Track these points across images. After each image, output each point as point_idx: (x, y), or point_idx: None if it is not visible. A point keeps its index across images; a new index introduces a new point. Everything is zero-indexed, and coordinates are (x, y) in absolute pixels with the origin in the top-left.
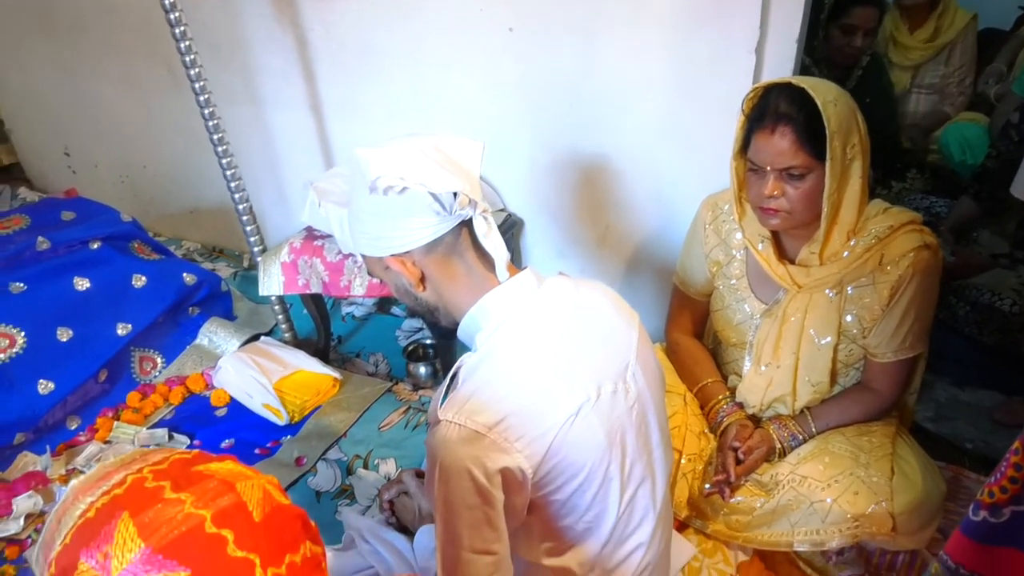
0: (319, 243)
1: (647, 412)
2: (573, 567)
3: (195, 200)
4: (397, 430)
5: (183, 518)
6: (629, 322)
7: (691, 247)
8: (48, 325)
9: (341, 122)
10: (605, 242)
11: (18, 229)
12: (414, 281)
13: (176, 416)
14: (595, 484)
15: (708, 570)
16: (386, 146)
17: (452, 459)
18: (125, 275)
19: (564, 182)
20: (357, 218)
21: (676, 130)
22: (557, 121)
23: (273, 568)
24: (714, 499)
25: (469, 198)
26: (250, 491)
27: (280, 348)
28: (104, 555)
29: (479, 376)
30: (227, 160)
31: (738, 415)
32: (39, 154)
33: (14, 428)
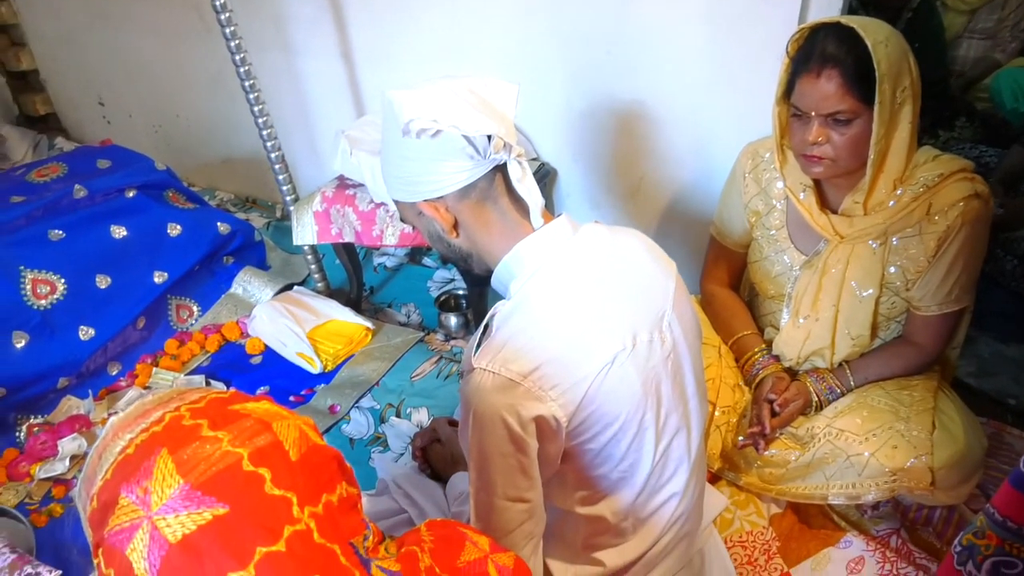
0: (351, 192)
1: (683, 362)
2: (607, 515)
3: (228, 150)
4: (429, 379)
5: (220, 456)
6: (666, 271)
7: (729, 196)
8: (87, 272)
9: (372, 70)
10: (640, 192)
11: (55, 177)
12: (447, 227)
13: (212, 363)
14: (630, 434)
15: (740, 522)
16: (419, 88)
17: (486, 407)
18: (160, 224)
19: (599, 130)
20: (389, 162)
21: (717, 75)
22: (594, 66)
23: (310, 507)
24: (747, 451)
25: (504, 141)
26: (286, 431)
27: (313, 298)
28: (144, 490)
29: (513, 324)
30: (259, 108)
31: (774, 368)
32: (74, 104)
33: (57, 373)
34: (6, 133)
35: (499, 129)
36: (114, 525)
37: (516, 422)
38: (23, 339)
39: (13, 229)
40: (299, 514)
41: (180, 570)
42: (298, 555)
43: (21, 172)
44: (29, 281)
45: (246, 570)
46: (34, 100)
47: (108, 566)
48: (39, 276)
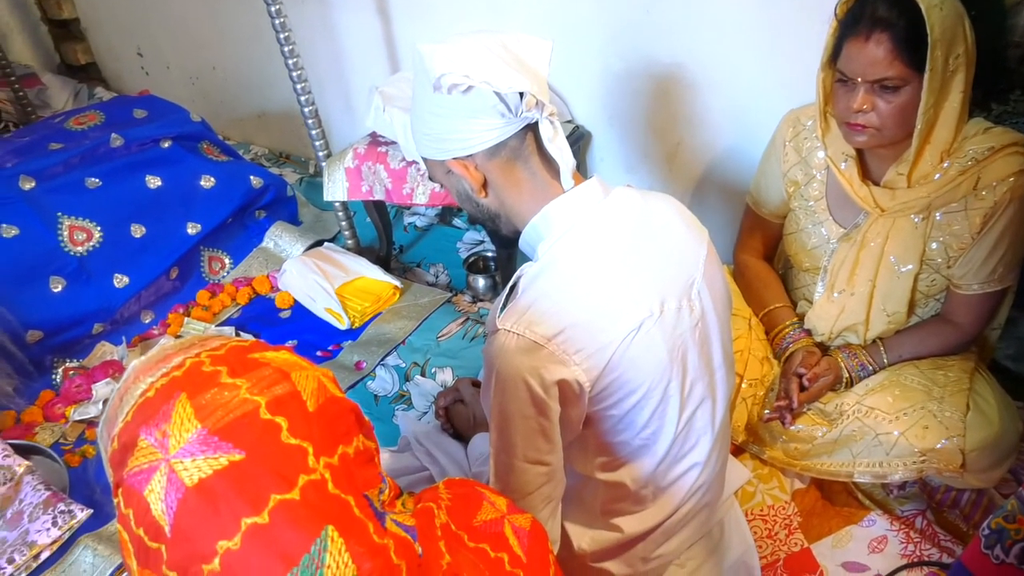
0: (383, 149)
1: (710, 331)
2: (627, 482)
3: (263, 104)
4: (455, 340)
5: (238, 403)
6: (698, 238)
7: (768, 165)
8: (122, 221)
9: (408, 25)
10: (676, 158)
11: (93, 125)
12: (476, 186)
13: (242, 316)
14: (653, 401)
15: (762, 495)
16: (451, 41)
17: (509, 368)
18: (195, 175)
19: (636, 93)
20: (419, 118)
21: (760, 39)
22: (632, 27)
23: (325, 457)
24: (773, 425)
25: (536, 99)
26: (304, 381)
27: (343, 254)
28: (163, 433)
29: (539, 286)
30: (293, 61)
31: (805, 342)
32: (114, 54)
33: (92, 318)
34: (47, 81)
35: (532, 86)
36: (133, 466)
37: (539, 385)
38: (60, 284)
39: (51, 176)
40: (314, 464)
41: (195, 513)
42: (312, 504)
43: (60, 120)
44: (67, 228)
45: (260, 516)
46: (75, 49)
47: (127, 506)
48: (76, 223)
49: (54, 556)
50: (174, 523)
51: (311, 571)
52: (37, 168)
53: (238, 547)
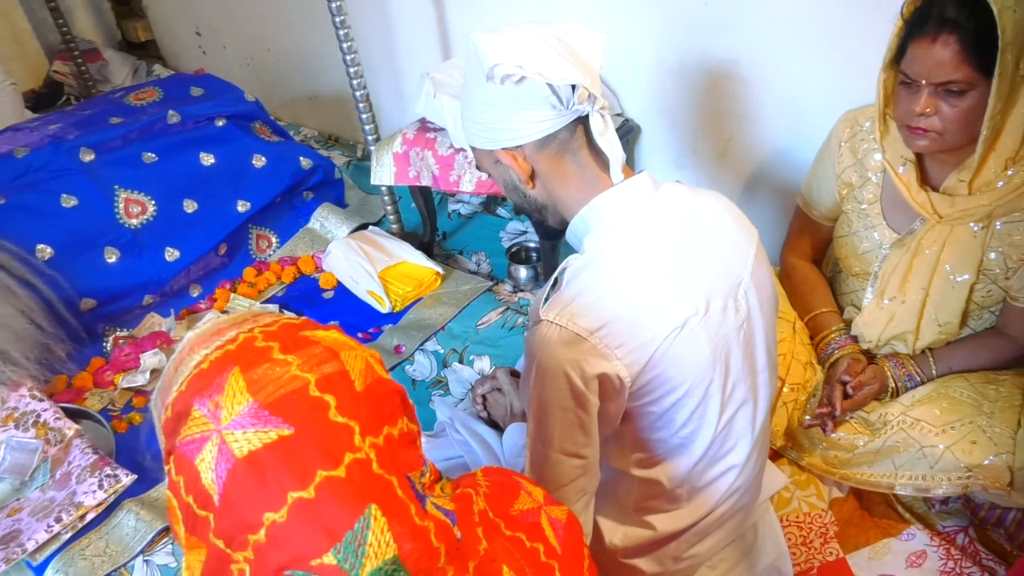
0: (432, 136)
1: (755, 333)
2: (662, 480)
3: (315, 87)
4: (494, 329)
5: (289, 379)
6: (748, 237)
7: (821, 165)
8: (176, 196)
9: (461, 12)
10: (726, 155)
11: (151, 101)
12: (524, 177)
13: (287, 294)
14: (694, 400)
15: (799, 502)
16: (504, 31)
17: (550, 360)
18: (247, 154)
19: (688, 88)
20: (470, 107)
21: (821, 36)
22: (689, 20)
23: (371, 437)
24: (813, 432)
25: (588, 92)
26: (353, 361)
27: (387, 238)
28: (215, 404)
29: (584, 279)
30: (347, 45)
31: (851, 348)
32: (173, 32)
33: (143, 290)
34: (109, 57)
35: (584, 79)
36: (186, 435)
37: (579, 377)
38: (114, 255)
39: (110, 149)
40: (360, 443)
41: (244, 484)
42: (357, 482)
43: (120, 95)
44: (123, 200)
45: (306, 491)
46: (136, 26)
47: (178, 473)
48: (132, 196)
49: (99, 518)
50: (223, 493)
51: (354, 547)
52: (97, 141)
53: (284, 519)
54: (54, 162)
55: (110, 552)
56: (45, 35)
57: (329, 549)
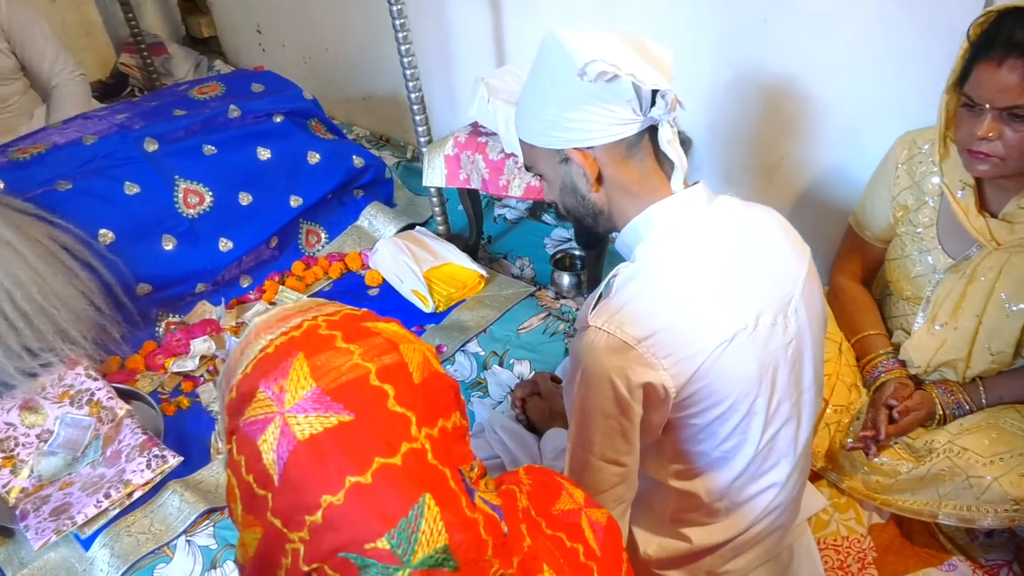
0: (483, 140)
1: (803, 351)
2: (700, 494)
3: (369, 87)
4: (535, 334)
5: (350, 367)
6: (800, 254)
7: (877, 186)
8: (232, 188)
9: (518, 19)
10: (777, 171)
11: (214, 96)
12: (591, 179)
13: (333, 289)
14: (738, 415)
15: (838, 525)
16: (587, 31)
17: (596, 366)
18: (302, 150)
19: (742, 102)
20: (539, 104)
21: (882, 56)
22: (747, 34)
23: (427, 428)
24: (855, 455)
25: (677, 100)
26: (411, 353)
27: (433, 239)
28: (280, 388)
29: (634, 287)
30: (406, 48)
31: (899, 372)
32: (235, 29)
33: (196, 278)
34: (173, 51)
35: (671, 87)
36: (249, 416)
37: (624, 385)
38: (171, 242)
39: (173, 140)
40: (416, 433)
41: (303, 466)
42: (412, 471)
43: (184, 88)
44: (182, 190)
45: (363, 476)
46: (200, 22)
47: (240, 452)
48: (191, 186)
49: (145, 496)
50: (283, 473)
51: (407, 534)
52: (161, 132)
53: (341, 503)
54: (120, 150)
55: (154, 530)
56: (114, 28)
57: (384, 534)
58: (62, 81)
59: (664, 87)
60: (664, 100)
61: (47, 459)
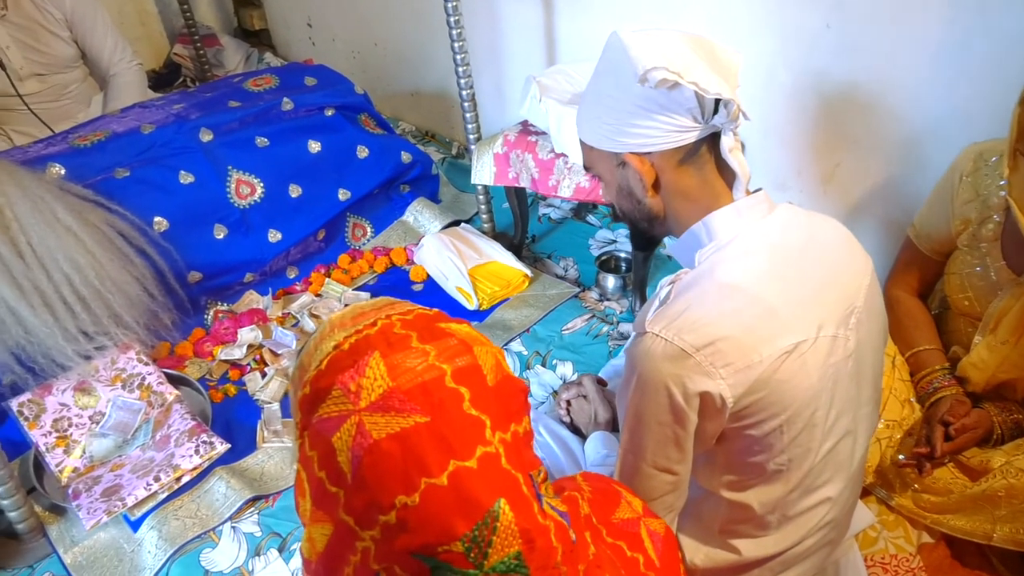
0: (533, 139)
1: (864, 365)
2: (753, 505)
3: (416, 83)
4: (579, 335)
5: (426, 368)
6: (862, 266)
7: (939, 198)
8: (283, 180)
9: (570, 18)
10: (832, 180)
11: (268, 88)
12: (647, 184)
13: (378, 283)
14: (796, 428)
15: (886, 542)
16: (653, 34)
17: (653, 373)
18: (352, 144)
19: (800, 108)
20: (601, 107)
21: (950, 66)
22: (808, 38)
23: (500, 432)
24: (906, 472)
25: (740, 110)
26: (485, 356)
27: (478, 237)
28: (357, 386)
29: (693, 294)
30: (459, 44)
31: (955, 389)
32: (286, 22)
33: (245, 268)
34: (225, 43)
35: (734, 95)
36: (323, 412)
37: (680, 393)
38: (223, 232)
39: (227, 131)
40: (490, 437)
41: (378, 466)
42: (487, 475)
43: (239, 80)
44: (234, 181)
45: (439, 478)
46: (252, 15)
47: (312, 448)
48: (243, 177)
49: (192, 481)
50: (356, 472)
51: (482, 538)
52: (216, 123)
53: (416, 504)
54: (176, 140)
55: (200, 515)
56: (169, 19)
57: (459, 537)
58: (120, 70)
59: (727, 96)
60: (727, 110)
61: (98, 440)
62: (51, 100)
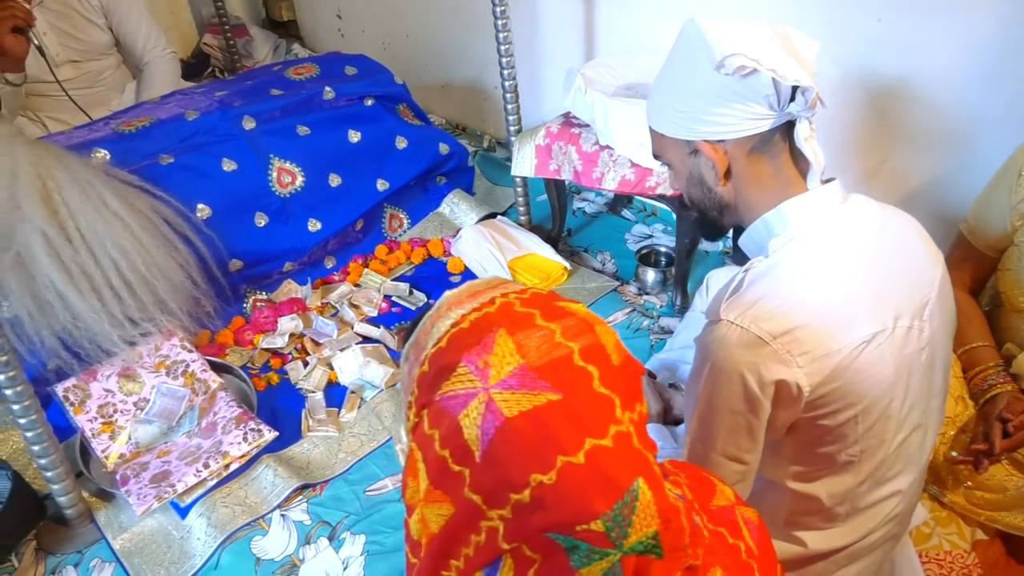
0: (576, 131)
1: (936, 357)
2: (822, 496)
3: (448, 75)
4: (619, 329)
5: (553, 345)
6: (935, 259)
7: (995, 193)
8: (323, 169)
9: (609, 12)
10: (877, 176)
11: (309, 77)
12: (720, 172)
13: (415, 274)
14: (871, 418)
15: (940, 539)
16: (731, 21)
17: (727, 361)
18: (391, 135)
19: (847, 102)
20: (675, 95)
21: (1004, 63)
22: (859, 32)
23: (628, 412)
24: (959, 469)
25: (819, 98)
26: (606, 336)
27: (516, 229)
28: (484, 363)
29: (769, 282)
30: (504, 35)
31: (1011, 386)
32: (315, 14)
33: (285, 256)
34: (254, 34)
35: (813, 83)
36: (448, 390)
37: (755, 382)
38: (264, 220)
39: (269, 119)
40: (620, 416)
41: (511, 444)
42: (623, 453)
43: (279, 68)
44: (276, 169)
45: (576, 456)
46: (280, 6)
47: (433, 427)
48: (284, 166)
49: (239, 469)
50: (487, 450)
51: (622, 518)
52: (259, 111)
53: (552, 482)
54: (220, 127)
55: (249, 503)
56: (198, 8)
57: (599, 516)
58: (154, 58)
59: (806, 83)
60: (804, 97)
61: (143, 427)
62: (85, 87)
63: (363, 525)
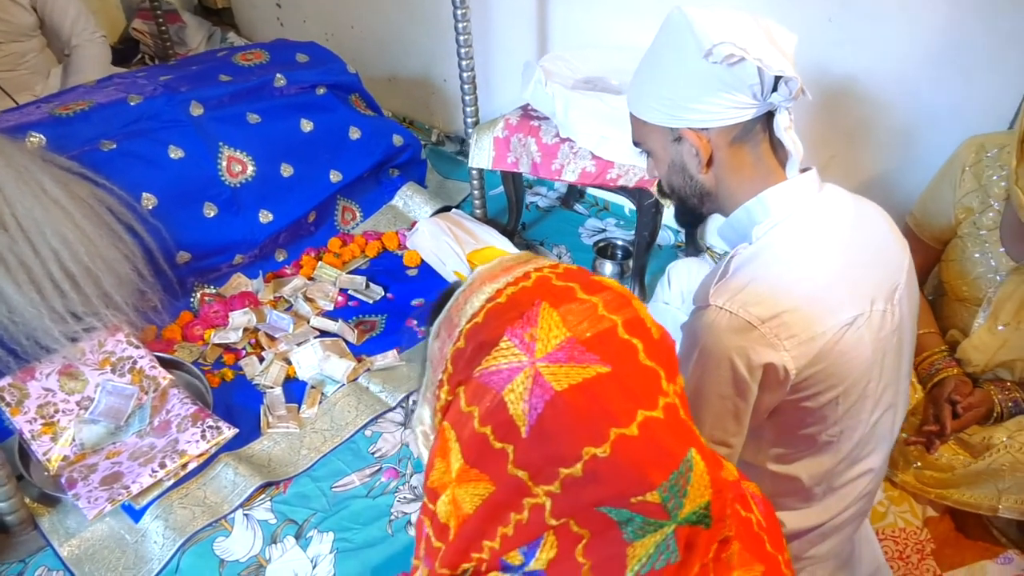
0: (536, 123)
1: (904, 339)
2: (802, 477)
3: (394, 68)
4: None
5: (598, 318)
6: (902, 245)
7: (940, 188)
8: (275, 159)
9: (563, 6)
10: (825, 171)
11: (259, 63)
12: (704, 160)
13: (370, 268)
14: (851, 399)
15: (894, 517)
16: (714, 11)
17: (716, 346)
18: (344, 125)
19: (797, 100)
20: (660, 83)
21: (949, 62)
22: (809, 32)
23: (672, 384)
24: (909, 450)
25: (803, 88)
26: (643, 310)
27: (472, 222)
28: (530, 336)
29: (756, 267)
30: (463, 25)
31: (956, 371)
32: (252, 2)
33: (235, 249)
34: (187, 20)
35: (795, 73)
36: (489, 365)
37: (744, 365)
38: (213, 210)
39: (218, 105)
40: (666, 388)
41: (563, 417)
42: (674, 425)
43: (224, 54)
44: (225, 158)
45: (629, 428)
46: None
47: (472, 403)
48: (234, 154)
49: (196, 469)
50: (536, 424)
51: (678, 488)
52: (207, 96)
53: (607, 455)
54: (165, 112)
55: (209, 503)
56: None
57: (656, 487)
58: (83, 42)
59: (789, 74)
60: (788, 87)
61: (88, 427)
62: (7, 70)
63: (331, 522)
